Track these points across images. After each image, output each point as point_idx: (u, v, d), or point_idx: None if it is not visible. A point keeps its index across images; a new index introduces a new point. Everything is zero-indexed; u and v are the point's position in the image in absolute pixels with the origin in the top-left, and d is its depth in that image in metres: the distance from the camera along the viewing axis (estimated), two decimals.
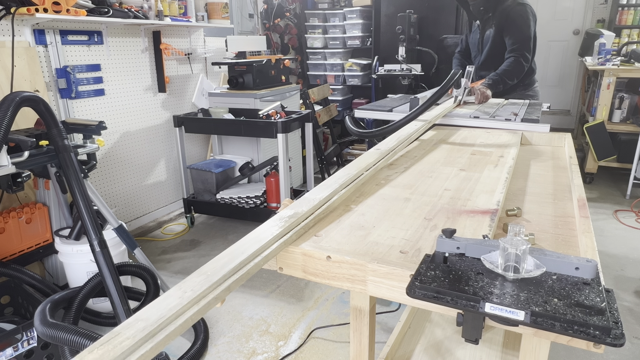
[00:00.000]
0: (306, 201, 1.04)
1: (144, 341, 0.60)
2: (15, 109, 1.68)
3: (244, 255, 0.78)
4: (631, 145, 3.91)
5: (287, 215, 0.95)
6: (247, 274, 0.76)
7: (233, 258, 0.77)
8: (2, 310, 2.12)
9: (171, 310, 0.64)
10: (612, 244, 3.10)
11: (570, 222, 1.08)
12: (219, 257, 0.78)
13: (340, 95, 5.14)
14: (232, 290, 0.73)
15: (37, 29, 2.57)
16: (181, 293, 0.68)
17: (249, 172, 3.43)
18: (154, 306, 0.65)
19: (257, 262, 0.79)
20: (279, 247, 0.86)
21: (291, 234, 0.91)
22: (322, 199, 1.05)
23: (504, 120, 2.08)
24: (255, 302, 2.49)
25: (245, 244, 0.82)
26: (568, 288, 0.69)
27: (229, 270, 0.74)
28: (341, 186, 1.15)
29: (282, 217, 0.95)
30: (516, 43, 2.65)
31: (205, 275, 0.72)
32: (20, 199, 2.38)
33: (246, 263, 0.78)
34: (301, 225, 0.95)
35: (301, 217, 0.95)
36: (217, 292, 0.70)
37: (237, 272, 0.75)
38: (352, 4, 4.99)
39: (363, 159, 1.40)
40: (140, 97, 3.32)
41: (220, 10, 3.62)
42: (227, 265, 0.75)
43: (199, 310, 0.66)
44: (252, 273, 0.77)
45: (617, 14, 5.65)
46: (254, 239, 0.85)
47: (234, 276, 0.74)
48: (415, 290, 0.72)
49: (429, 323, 1.82)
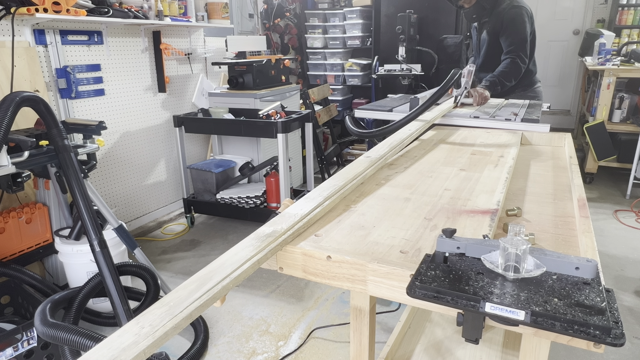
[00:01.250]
0: (287, 217, 0.99)
1: None
2: (15, 109, 1.68)
3: (213, 281, 0.73)
4: (631, 145, 3.91)
5: (265, 233, 0.90)
6: (212, 299, 0.70)
7: (201, 285, 0.72)
8: (2, 310, 2.12)
9: (125, 351, 0.58)
10: (612, 244, 3.10)
11: (570, 222, 1.08)
12: (187, 283, 0.73)
13: (340, 95, 5.14)
14: (194, 318, 0.68)
15: (37, 29, 2.57)
16: (138, 329, 0.62)
17: (249, 172, 3.43)
18: (106, 345, 0.60)
19: (225, 284, 0.73)
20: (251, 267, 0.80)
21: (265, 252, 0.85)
22: (304, 214, 1.00)
23: (504, 120, 2.08)
24: (255, 302, 2.49)
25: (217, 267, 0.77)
26: (568, 288, 0.69)
27: (194, 298, 0.68)
28: (325, 199, 1.10)
29: (260, 235, 0.89)
30: (512, 45, 2.64)
31: (167, 307, 0.66)
32: (20, 199, 2.38)
33: (213, 286, 0.72)
34: (278, 242, 0.89)
35: (280, 234, 0.90)
36: (177, 320, 0.64)
37: (203, 296, 0.70)
38: (352, 4, 4.99)
39: (352, 167, 1.34)
40: (140, 97, 3.32)
41: (220, 10, 3.62)
42: (193, 293, 0.70)
43: (155, 343, 0.61)
44: (218, 297, 0.72)
45: (617, 14, 5.65)
46: (227, 260, 0.79)
47: (198, 302, 0.68)
48: (415, 290, 0.72)
49: (429, 323, 1.82)
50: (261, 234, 0.90)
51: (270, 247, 0.86)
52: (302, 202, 1.08)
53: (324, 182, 1.21)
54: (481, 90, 2.46)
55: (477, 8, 2.68)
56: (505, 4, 2.66)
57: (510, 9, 2.64)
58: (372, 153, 1.50)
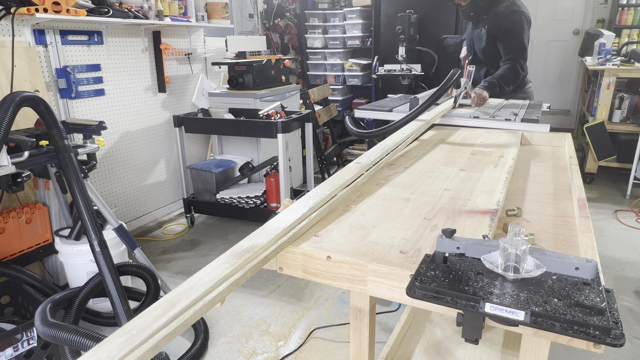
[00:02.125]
0: (267, 230, 0.91)
1: None
2: (15, 109, 1.68)
3: (181, 305, 0.66)
4: (631, 145, 3.91)
5: (243, 248, 0.83)
6: (182, 326, 0.64)
7: (168, 309, 0.65)
8: (2, 310, 2.12)
9: None
10: (612, 244, 3.10)
11: (570, 222, 1.08)
12: (153, 307, 0.66)
13: (340, 95, 5.14)
14: (161, 348, 0.61)
15: (37, 29, 2.57)
16: None
17: (249, 172, 3.43)
18: None
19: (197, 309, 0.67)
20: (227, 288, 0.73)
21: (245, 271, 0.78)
22: (286, 227, 0.93)
23: (503, 120, 2.08)
24: (255, 302, 2.49)
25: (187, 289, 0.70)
26: (568, 288, 0.69)
27: (159, 325, 0.61)
28: (310, 210, 1.02)
29: (237, 251, 0.81)
30: (511, 52, 2.62)
31: (128, 336, 0.59)
32: (20, 199, 2.38)
33: (183, 312, 0.66)
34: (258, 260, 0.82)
35: (259, 250, 0.83)
36: (140, 353, 0.58)
37: (172, 323, 0.63)
38: (352, 4, 4.99)
39: (340, 175, 1.26)
40: (140, 97, 3.32)
41: (220, 10, 3.62)
42: (159, 319, 0.63)
43: None
44: (189, 323, 0.65)
45: (617, 14, 5.65)
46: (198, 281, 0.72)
47: (164, 330, 0.62)
48: (415, 290, 0.72)
49: (429, 323, 1.82)
50: (239, 249, 0.82)
51: (250, 266, 0.79)
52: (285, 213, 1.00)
53: (310, 191, 1.13)
54: (479, 91, 2.44)
55: (473, 6, 2.67)
56: (504, 6, 2.62)
57: (510, 14, 2.60)
58: (363, 159, 1.42)
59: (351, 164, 1.36)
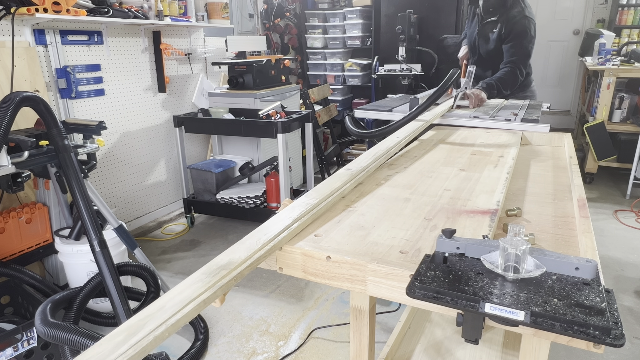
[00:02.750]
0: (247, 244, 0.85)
1: None
2: (15, 109, 1.69)
3: (146, 330, 0.61)
4: (631, 145, 3.91)
5: (219, 264, 0.77)
6: (141, 353, 0.58)
7: (131, 335, 0.59)
8: (2, 310, 2.12)
9: None
10: (612, 244, 3.10)
11: (570, 222, 1.08)
12: (115, 332, 0.60)
13: (340, 95, 5.14)
14: None
15: (37, 29, 2.57)
16: None
17: (249, 172, 3.43)
18: None
19: (158, 334, 0.61)
20: (194, 309, 0.67)
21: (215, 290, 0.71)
22: (267, 239, 0.88)
23: (503, 120, 2.08)
24: (255, 302, 2.49)
25: (155, 311, 0.64)
26: (568, 288, 0.69)
27: (119, 354, 0.57)
28: (294, 221, 0.97)
29: (212, 268, 0.75)
30: (515, 55, 2.62)
31: None
32: (20, 199, 2.38)
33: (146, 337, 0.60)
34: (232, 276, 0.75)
35: (236, 265, 0.77)
36: None
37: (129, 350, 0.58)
38: (352, 4, 4.99)
39: (329, 183, 1.21)
40: (140, 97, 3.32)
41: (220, 10, 3.62)
42: (120, 346, 0.58)
43: None
44: (148, 350, 0.59)
45: (617, 14, 5.65)
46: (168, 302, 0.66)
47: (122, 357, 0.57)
48: (415, 291, 0.72)
49: (429, 323, 1.82)
50: (214, 266, 0.77)
51: (222, 283, 0.73)
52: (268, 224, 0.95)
53: (296, 200, 1.09)
54: (477, 92, 2.42)
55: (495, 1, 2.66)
56: (516, 11, 2.62)
57: (521, 19, 2.60)
58: (353, 165, 1.36)
59: (341, 171, 1.31)
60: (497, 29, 2.70)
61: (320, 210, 1.07)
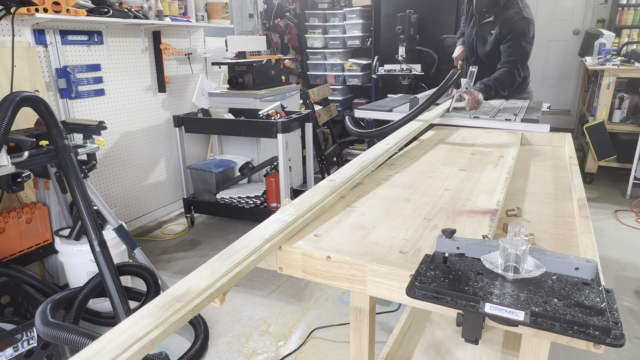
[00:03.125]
0: (212, 269, 0.75)
1: None
2: (15, 109, 1.69)
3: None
4: (631, 145, 3.91)
5: (175, 295, 0.67)
6: None
7: None
8: (2, 310, 2.12)
9: None
10: (612, 244, 3.10)
11: (570, 222, 1.08)
12: None
13: (340, 95, 5.14)
14: None
15: (37, 29, 2.57)
16: None
17: (249, 172, 3.43)
18: None
19: None
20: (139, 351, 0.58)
21: (166, 326, 0.62)
22: (233, 264, 0.77)
23: (503, 120, 2.08)
24: (255, 302, 2.49)
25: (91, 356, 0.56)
26: (568, 288, 0.69)
27: None
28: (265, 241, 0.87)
29: (166, 300, 0.66)
30: (513, 55, 2.59)
31: None
32: (20, 199, 2.38)
33: None
34: (187, 310, 0.66)
35: (194, 296, 0.68)
36: None
37: None
38: (352, 4, 4.99)
39: (309, 196, 1.12)
40: (140, 97, 3.32)
41: (220, 10, 3.62)
42: None
43: None
44: None
45: (617, 14, 5.65)
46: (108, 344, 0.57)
47: None
48: (415, 291, 0.72)
49: (429, 323, 1.82)
50: (169, 296, 0.67)
51: (175, 318, 0.63)
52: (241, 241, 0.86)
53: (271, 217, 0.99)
54: (475, 93, 2.37)
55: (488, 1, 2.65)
56: (514, 11, 2.60)
57: (519, 19, 2.58)
58: (337, 176, 1.27)
59: (323, 182, 1.21)
60: (495, 31, 2.68)
61: (297, 226, 0.97)
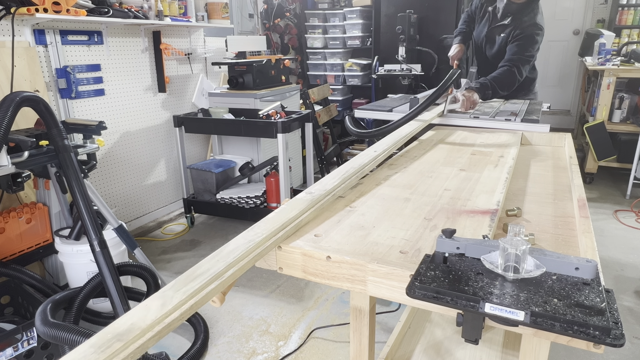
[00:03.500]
0: (164, 299, 0.68)
1: None
2: (15, 109, 1.68)
3: None
4: (631, 145, 3.91)
5: (116, 332, 0.60)
6: None
7: None
8: (2, 310, 2.12)
9: None
10: (612, 244, 3.10)
11: (570, 222, 1.08)
12: None
13: (340, 95, 5.14)
14: None
15: (37, 29, 2.57)
16: None
17: (249, 172, 3.43)
18: None
19: None
20: None
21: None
22: (189, 293, 0.72)
23: (503, 120, 2.08)
24: (255, 302, 2.49)
25: None
26: (568, 288, 0.69)
27: None
28: (229, 266, 0.83)
29: (105, 339, 0.59)
30: (516, 55, 2.52)
31: None
32: (20, 199, 2.38)
33: None
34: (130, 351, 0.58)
35: (137, 335, 0.60)
36: None
37: None
38: (352, 4, 4.99)
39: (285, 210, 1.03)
40: (140, 97, 3.32)
41: (220, 10, 3.62)
42: None
43: None
44: None
45: (617, 14, 5.65)
46: None
47: None
48: (415, 291, 0.72)
49: (429, 323, 1.82)
50: (109, 334, 0.59)
51: None
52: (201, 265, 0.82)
53: (237, 237, 0.92)
54: (469, 93, 2.28)
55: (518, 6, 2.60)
56: (529, 17, 2.57)
57: (530, 25, 2.54)
58: (316, 187, 1.18)
59: (301, 195, 1.13)
60: (505, 33, 2.65)
61: (265, 248, 0.89)
